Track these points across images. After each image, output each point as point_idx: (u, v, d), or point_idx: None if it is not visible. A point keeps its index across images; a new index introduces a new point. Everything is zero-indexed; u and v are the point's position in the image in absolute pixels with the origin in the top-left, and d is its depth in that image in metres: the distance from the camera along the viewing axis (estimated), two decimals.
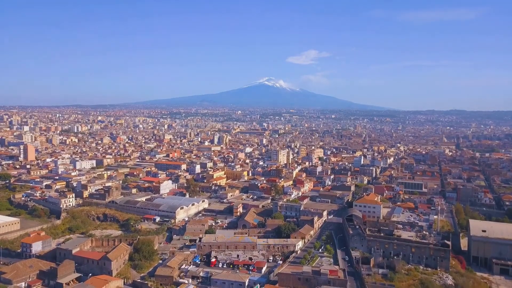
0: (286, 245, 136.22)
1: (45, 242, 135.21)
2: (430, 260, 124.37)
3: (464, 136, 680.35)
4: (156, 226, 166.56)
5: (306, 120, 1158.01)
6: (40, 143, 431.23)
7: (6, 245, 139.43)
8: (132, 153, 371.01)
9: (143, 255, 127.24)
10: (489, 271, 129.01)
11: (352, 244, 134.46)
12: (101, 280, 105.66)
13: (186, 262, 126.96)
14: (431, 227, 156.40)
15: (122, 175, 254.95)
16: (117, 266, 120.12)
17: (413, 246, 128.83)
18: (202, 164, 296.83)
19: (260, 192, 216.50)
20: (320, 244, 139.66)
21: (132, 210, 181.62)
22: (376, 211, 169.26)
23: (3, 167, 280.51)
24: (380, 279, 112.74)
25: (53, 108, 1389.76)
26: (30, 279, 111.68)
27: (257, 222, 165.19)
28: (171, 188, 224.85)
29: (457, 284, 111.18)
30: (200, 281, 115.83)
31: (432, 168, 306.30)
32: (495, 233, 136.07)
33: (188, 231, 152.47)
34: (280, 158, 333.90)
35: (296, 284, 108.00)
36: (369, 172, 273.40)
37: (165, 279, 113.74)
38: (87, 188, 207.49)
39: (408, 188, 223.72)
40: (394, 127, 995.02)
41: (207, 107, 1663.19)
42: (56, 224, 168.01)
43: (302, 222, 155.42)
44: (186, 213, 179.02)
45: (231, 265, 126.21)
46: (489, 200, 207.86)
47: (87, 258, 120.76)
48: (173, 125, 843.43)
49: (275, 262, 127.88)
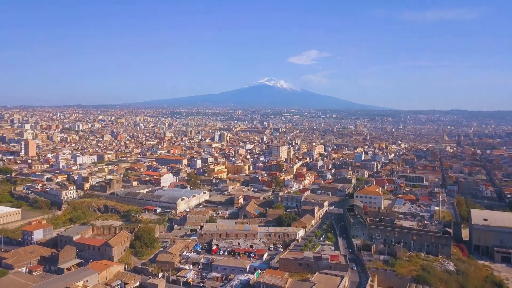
0: (287, 233, 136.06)
1: (46, 230, 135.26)
2: (432, 247, 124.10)
3: (465, 135, 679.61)
4: (157, 217, 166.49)
5: (306, 120, 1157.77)
6: (41, 140, 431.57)
7: (7, 234, 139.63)
8: (133, 149, 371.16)
9: (144, 243, 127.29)
10: (490, 259, 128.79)
11: (353, 232, 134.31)
12: (102, 264, 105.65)
13: (187, 249, 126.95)
14: (432, 217, 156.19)
15: (123, 169, 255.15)
16: (118, 252, 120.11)
17: (414, 233, 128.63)
18: (203, 159, 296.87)
19: (261, 185, 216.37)
20: (321, 233, 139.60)
21: (133, 202, 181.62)
22: (377, 201, 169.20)
23: (4, 162, 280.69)
24: (381, 265, 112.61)
25: (54, 107, 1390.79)
26: (31, 265, 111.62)
27: (258, 212, 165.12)
28: (172, 181, 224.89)
29: (459, 270, 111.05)
30: (201, 267, 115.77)
31: (433, 164, 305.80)
32: (496, 221, 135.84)
33: (189, 221, 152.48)
34: (281, 153, 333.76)
35: (297, 269, 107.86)
36: (370, 167, 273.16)
37: (166, 265, 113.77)
38: (88, 180, 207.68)
39: (409, 182, 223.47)
40: (395, 126, 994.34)
41: (208, 107, 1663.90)
42: (57, 214, 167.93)
43: (303, 211, 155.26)
44: (187, 204, 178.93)
45: (232, 252, 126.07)
46: (490, 192, 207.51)
47: (88, 245, 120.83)
48: (174, 124, 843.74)
49: (276, 250, 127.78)
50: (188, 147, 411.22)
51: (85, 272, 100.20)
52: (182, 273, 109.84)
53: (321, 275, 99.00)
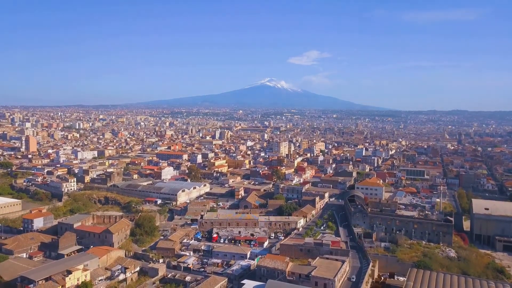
0: (287, 222, 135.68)
1: (46, 218, 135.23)
2: (433, 235, 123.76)
3: (466, 134, 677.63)
4: (158, 208, 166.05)
5: (307, 120, 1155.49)
6: (41, 138, 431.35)
7: (7, 223, 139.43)
8: (133, 146, 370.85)
9: (144, 231, 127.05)
10: (492, 248, 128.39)
11: (354, 221, 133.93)
12: (102, 249, 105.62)
13: (187, 237, 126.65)
14: (433, 208, 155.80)
15: (123, 164, 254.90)
16: (119, 239, 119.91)
17: (415, 222, 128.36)
18: (204, 154, 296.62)
19: (262, 178, 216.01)
20: (322, 222, 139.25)
21: (133, 194, 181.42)
22: (378, 193, 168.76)
23: (5, 158, 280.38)
24: (382, 252, 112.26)
25: (55, 108, 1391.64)
26: (32, 250, 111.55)
27: (259, 203, 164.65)
28: (173, 174, 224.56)
29: (460, 256, 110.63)
30: (201, 254, 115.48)
31: (434, 159, 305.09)
32: (498, 211, 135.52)
33: (190, 211, 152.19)
34: (282, 149, 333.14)
35: (298, 255, 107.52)
36: (371, 162, 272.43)
37: (166, 252, 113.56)
38: (88, 173, 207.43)
39: (410, 175, 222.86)
40: (396, 126, 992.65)
41: (209, 107, 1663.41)
42: (58, 206, 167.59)
43: (304, 202, 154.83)
44: (188, 196, 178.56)
45: (232, 240, 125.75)
46: (491, 186, 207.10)
47: (88, 232, 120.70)
48: (174, 123, 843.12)
49: (276, 239, 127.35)
50: (189, 144, 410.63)
51: (85, 256, 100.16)
52: (183, 259, 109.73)
53: (322, 259, 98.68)
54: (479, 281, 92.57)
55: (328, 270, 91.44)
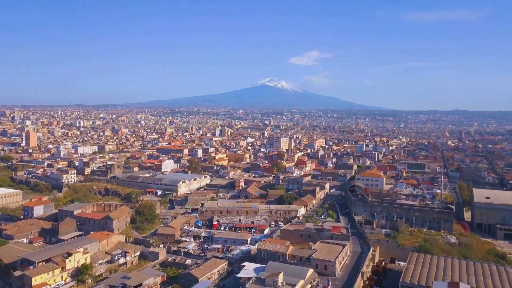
0: (288, 210, 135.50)
1: (46, 206, 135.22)
2: (434, 223, 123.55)
3: (467, 132, 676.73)
4: (158, 198, 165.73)
5: (308, 119, 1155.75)
6: (42, 135, 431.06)
7: (7, 212, 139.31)
8: (134, 142, 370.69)
9: (145, 218, 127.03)
10: (492, 237, 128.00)
11: (355, 209, 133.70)
12: (102, 234, 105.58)
13: (188, 224, 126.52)
14: (434, 198, 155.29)
15: (124, 158, 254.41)
16: (119, 226, 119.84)
17: (416, 210, 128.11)
18: (204, 149, 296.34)
19: (262, 171, 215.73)
20: (323, 211, 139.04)
21: (134, 185, 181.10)
22: (379, 184, 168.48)
23: (5, 152, 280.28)
24: (383, 237, 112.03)
25: (55, 107, 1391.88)
26: (32, 236, 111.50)
27: (259, 194, 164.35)
28: (173, 167, 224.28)
29: (461, 243, 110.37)
30: (202, 240, 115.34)
31: (435, 154, 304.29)
32: (498, 199, 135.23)
33: (190, 201, 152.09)
34: (282, 145, 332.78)
35: (299, 240, 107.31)
36: (371, 156, 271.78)
37: (166, 237, 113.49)
38: (89, 165, 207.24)
39: (411, 168, 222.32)
40: (396, 125, 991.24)
41: (209, 107, 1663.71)
42: (58, 196, 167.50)
43: (305, 192, 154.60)
44: (188, 187, 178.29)
45: (233, 228, 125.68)
46: (492, 179, 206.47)
47: (88, 218, 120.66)
48: (175, 122, 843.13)
49: (277, 227, 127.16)
50: (189, 140, 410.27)
51: (85, 240, 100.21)
52: (183, 244, 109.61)
53: (323, 243, 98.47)
54: (480, 264, 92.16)
55: (328, 253, 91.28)
